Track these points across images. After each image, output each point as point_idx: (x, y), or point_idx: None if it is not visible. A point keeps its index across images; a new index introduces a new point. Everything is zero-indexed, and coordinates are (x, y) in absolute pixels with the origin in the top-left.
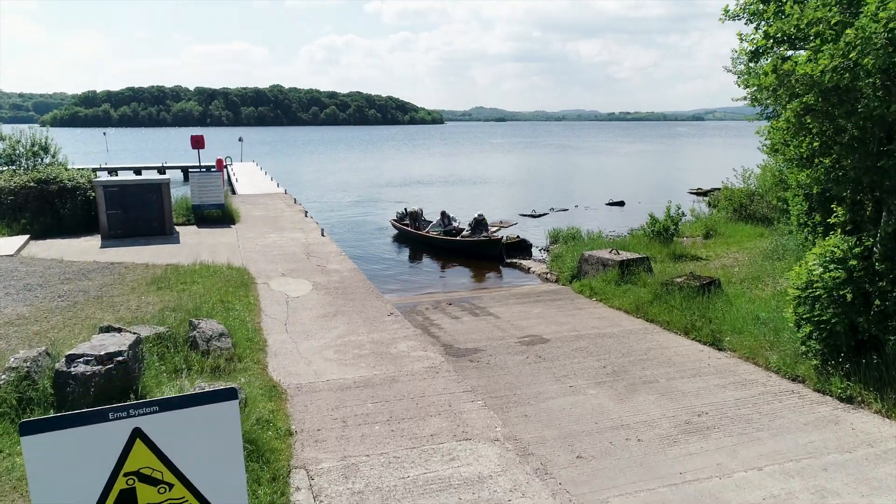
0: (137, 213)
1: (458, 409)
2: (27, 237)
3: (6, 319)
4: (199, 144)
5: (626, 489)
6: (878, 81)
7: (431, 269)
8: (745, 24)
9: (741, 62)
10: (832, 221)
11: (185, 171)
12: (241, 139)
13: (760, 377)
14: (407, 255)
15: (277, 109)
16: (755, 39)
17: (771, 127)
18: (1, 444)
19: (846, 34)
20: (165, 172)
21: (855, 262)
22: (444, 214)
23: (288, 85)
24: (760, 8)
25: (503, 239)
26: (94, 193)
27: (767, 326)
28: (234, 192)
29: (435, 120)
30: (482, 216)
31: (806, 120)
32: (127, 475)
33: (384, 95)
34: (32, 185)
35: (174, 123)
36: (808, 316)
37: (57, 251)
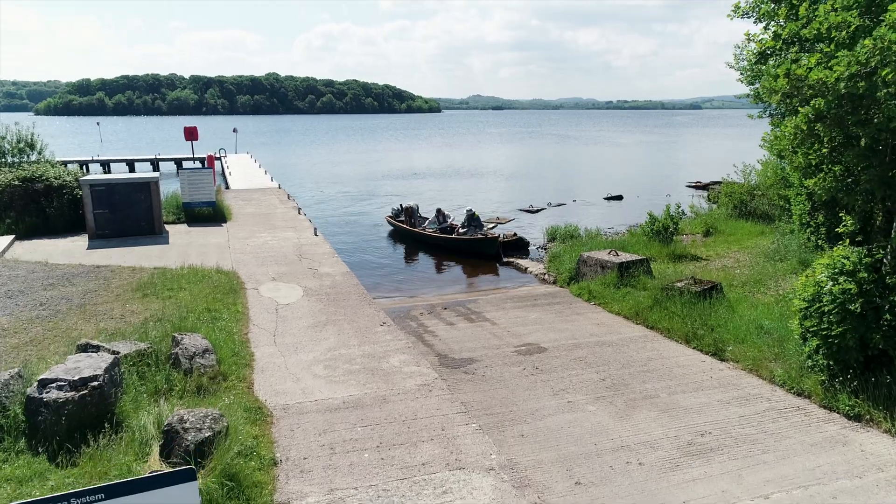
0: (125, 212)
1: (451, 432)
2: (12, 237)
3: None
4: (192, 136)
5: None
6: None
7: (427, 268)
8: (753, 22)
9: (743, 57)
10: (840, 231)
11: (178, 163)
12: (235, 130)
13: (765, 391)
14: (402, 253)
15: (273, 98)
16: (764, 40)
17: (777, 134)
18: None
19: (864, 43)
20: (159, 165)
21: (865, 274)
22: (439, 212)
23: (284, 73)
24: (772, 8)
25: (500, 237)
26: (81, 192)
27: (771, 336)
28: (227, 186)
29: (432, 108)
30: (472, 211)
31: (816, 127)
32: None
33: (381, 84)
34: (17, 183)
35: (169, 112)
36: (815, 329)
37: (42, 253)
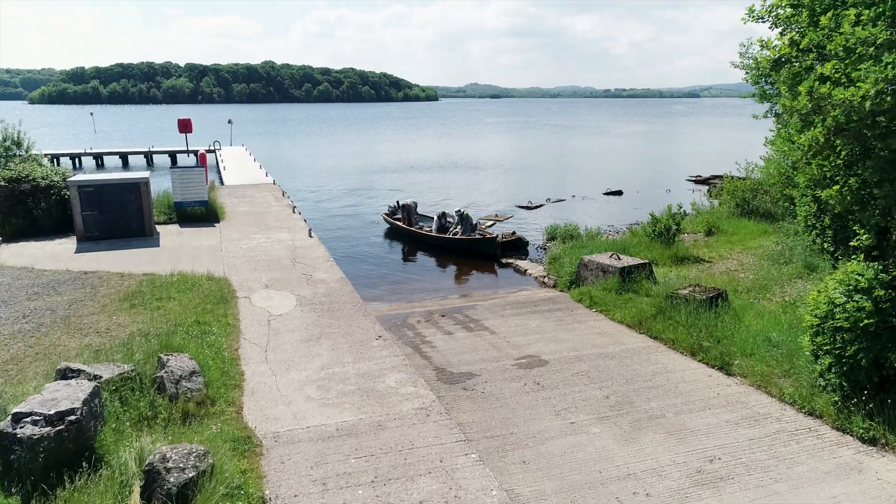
0: (115, 213)
1: (450, 464)
2: None
3: None
4: (186, 129)
5: None
6: None
7: (424, 269)
8: (769, 27)
9: (749, 56)
10: (854, 244)
11: (172, 156)
12: (230, 121)
13: (774, 411)
14: (399, 254)
15: (270, 86)
16: (779, 47)
17: (785, 142)
18: None
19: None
20: (153, 158)
21: (881, 292)
22: (441, 215)
23: (280, 61)
24: (788, 13)
25: (499, 237)
26: (69, 193)
27: (780, 350)
28: (221, 181)
29: (429, 97)
30: (461, 212)
31: (835, 141)
32: None
33: (378, 72)
34: (3, 184)
35: (164, 100)
36: (827, 347)
37: (28, 257)
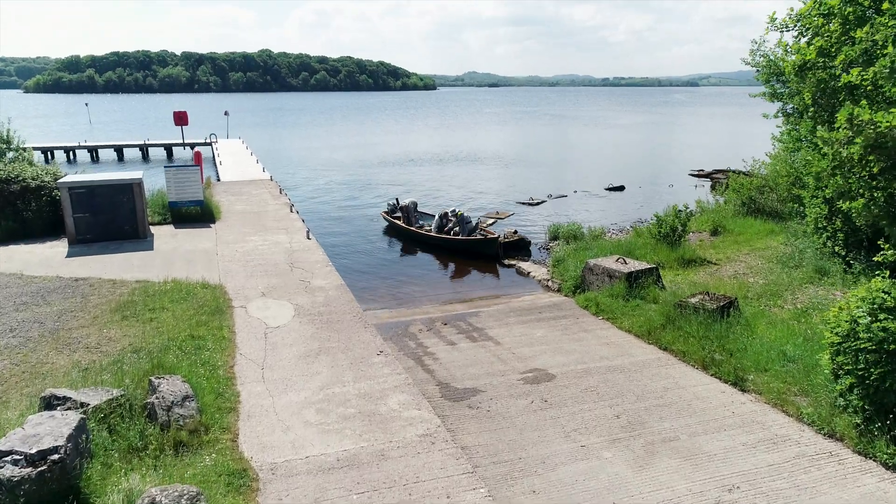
0: (107, 215)
1: (457, 500)
2: None
3: None
4: (182, 121)
5: None
6: None
7: (424, 272)
8: (794, 36)
9: (760, 53)
10: (878, 259)
11: (168, 149)
12: (226, 113)
13: (793, 432)
14: (399, 254)
15: (267, 75)
16: (805, 53)
17: (813, 157)
18: None
19: None
20: (148, 151)
21: None
22: (444, 215)
23: (277, 50)
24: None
25: (500, 237)
26: (59, 194)
27: (796, 365)
28: (217, 177)
29: (427, 86)
30: (456, 213)
31: (869, 157)
32: None
33: (376, 60)
34: None
35: (161, 89)
36: (849, 367)
37: (18, 262)
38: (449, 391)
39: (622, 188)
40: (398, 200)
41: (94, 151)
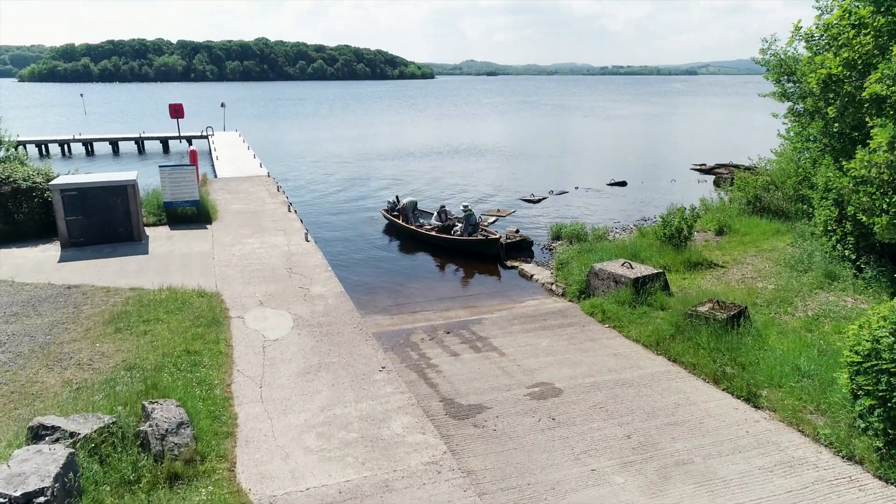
0: (101, 217)
1: None
2: None
3: None
4: (178, 114)
5: None
6: None
7: (425, 275)
8: (821, 47)
9: (771, 52)
10: None
11: (164, 142)
12: (223, 105)
13: (810, 454)
14: (399, 255)
15: (263, 64)
16: (830, 65)
17: (834, 174)
18: None
19: None
20: (144, 144)
21: None
22: (441, 210)
23: (274, 38)
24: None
25: (502, 238)
26: (51, 196)
27: (811, 381)
28: (214, 173)
29: (425, 74)
30: (468, 210)
31: None
32: None
33: (373, 49)
34: None
35: (157, 78)
36: (870, 389)
37: (9, 267)
38: (453, 408)
39: (624, 183)
40: (398, 198)
41: (89, 145)
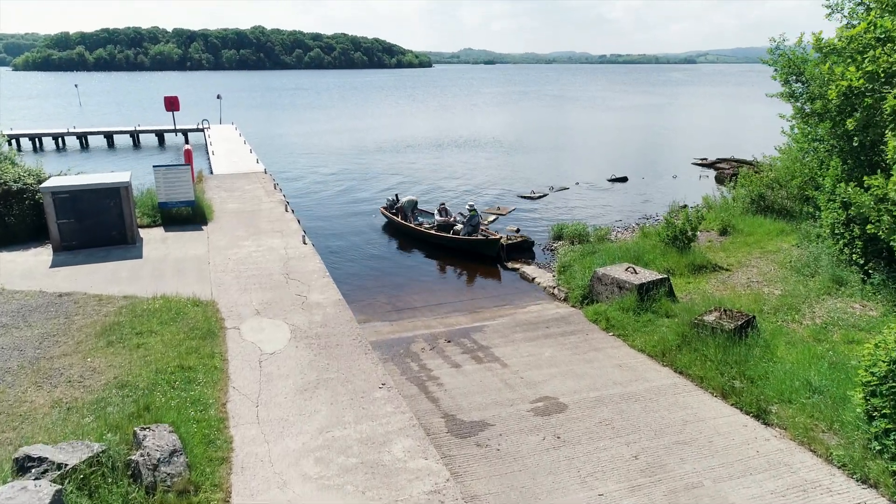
0: (93, 220)
1: None
2: None
3: None
4: (173, 107)
5: None
6: None
7: (425, 277)
8: (845, 62)
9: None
10: None
11: (160, 135)
12: (219, 97)
13: (823, 477)
14: (398, 256)
15: (260, 52)
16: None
17: (854, 195)
18: None
19: None
20: (139, 138)
21: None
22: (442, 208)
23: (270, 26)
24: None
25: (503, 238)
26: (42, 199)
27: (822, 397)
28: (210, 169)
29: (423, 63)
30: (473, 210)
31: None
32: None
33: (370, 37)
34: None
35: (152, 67)
36: (888, 412)
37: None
38: (455, 425)
39: (625, 179)
40: (397, 196)
41: (83, 138)
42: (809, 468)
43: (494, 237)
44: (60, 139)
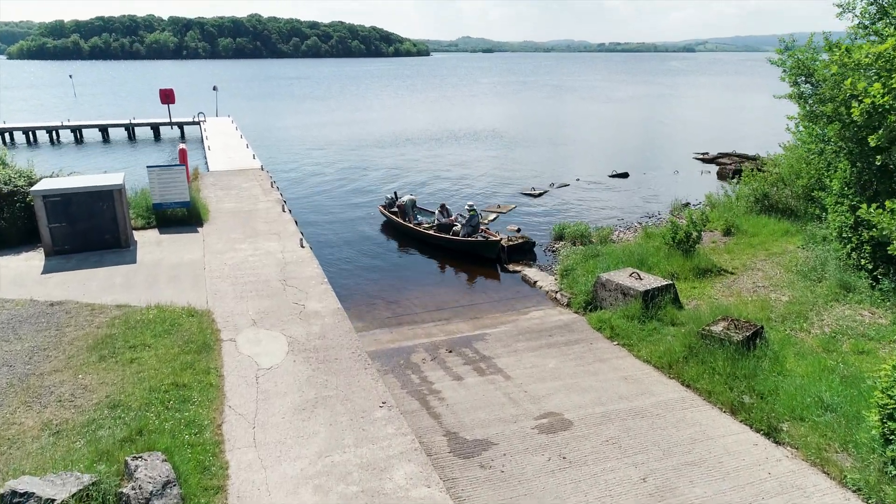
0: (87, 224)
1: None
2: None
3: None
4: (168, 99)
5: None
6: None
7: (425, 280)
8: (872, 79)
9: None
10: None
11: (155, 128)
12: (215, 88)
13: (838, 502)
14: (397, 257)
15: (257, 41)
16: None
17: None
18: None
19: None
20: (134, 131)
21: None
22: (443, 208)
23: (267, 14)
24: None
25: (503, 240)
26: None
27: (835, 415)
28: (206, 165)
29: (420, 52)
30: (473, 210)
31: None
32: None
33: (368, 26)
34: None
35: (148, 56)
36: None
37: None
38: (458, 443)
39: (626, 175)
40: (396, 195)
41: (78, 132)
42: (823, 492)
43: (494, 238)
44: (55, 132)
